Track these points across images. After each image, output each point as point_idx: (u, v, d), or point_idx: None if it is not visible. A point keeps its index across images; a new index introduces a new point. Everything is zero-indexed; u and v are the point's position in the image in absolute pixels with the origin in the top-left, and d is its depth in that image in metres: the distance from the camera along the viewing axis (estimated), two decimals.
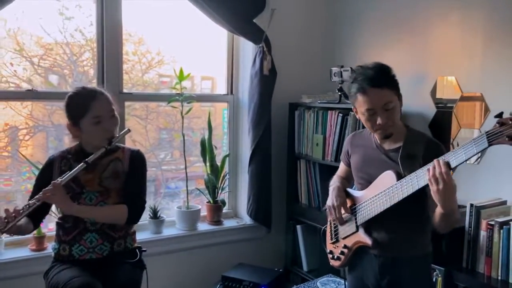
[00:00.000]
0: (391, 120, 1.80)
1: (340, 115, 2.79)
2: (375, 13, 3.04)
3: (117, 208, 2.02)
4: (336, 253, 2.04)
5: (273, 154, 3.17)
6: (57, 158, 2.09)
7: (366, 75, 1.80)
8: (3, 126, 2.71)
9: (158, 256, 2.85)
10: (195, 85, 3.38)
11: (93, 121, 1.98)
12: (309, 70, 3.31)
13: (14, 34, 2.66)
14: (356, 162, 2.01)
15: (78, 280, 1.80)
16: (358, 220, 1.93)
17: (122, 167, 2.08)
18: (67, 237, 2.02)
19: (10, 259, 2.50)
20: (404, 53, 2.81)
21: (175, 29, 3.09)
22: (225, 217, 3.27)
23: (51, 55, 2.81)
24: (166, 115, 3.19)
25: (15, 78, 2.70)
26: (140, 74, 3.14)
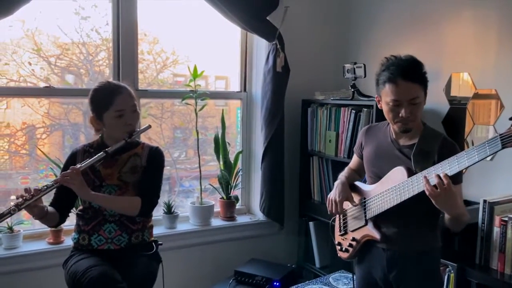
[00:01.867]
0: (414, 115, 1.79)
1: (353, 111, 2.80)
2: (389, 9, 3.04)
3: (130, 199, 2.06)
4: (345, 245, 2.06)
5: (286, 151, 3.19)
6: (80, 151, 2.15)
7: (399, 65, 1.78)
8: (21, 125, 2.77)
9: (172, 251, 2.89)
10: (209, 84, 3.41)
11: (116, 114, 2.03)
12: (322, 67, 3.32)
13: (32, 34, 2.72)
14: (368, 154, 2.01)
15: (96, 270, 1.85)
16: (367, 214, 1.94)
17: (141, 162, 2.13)
18: (86, 227, 2.07)
19: (28, 252, 2.56)
20: (418, 49, 2.79)
21: (189, 28, 3.12)
22: (238, 213, 3.30)
23: (68, 55, 2.87)
24: (181, 114, 3.23)
25: (33, 77, 2.75)
26: (155, 74, 3.18)
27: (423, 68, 1.83)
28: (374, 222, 1.92)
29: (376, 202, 1.90)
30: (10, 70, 2.69)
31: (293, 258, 3.27)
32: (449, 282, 2.18)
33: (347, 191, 2.02)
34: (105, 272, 1.85)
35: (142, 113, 3.06)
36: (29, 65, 2.72)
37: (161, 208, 3.01)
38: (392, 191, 1.81)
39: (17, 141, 2.79)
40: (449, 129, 2.59)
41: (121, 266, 1.97)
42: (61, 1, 2.73)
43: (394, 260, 1.87)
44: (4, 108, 2.73)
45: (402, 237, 1.86)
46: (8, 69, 2.68)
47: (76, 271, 1.90)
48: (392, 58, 1.85)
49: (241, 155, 3.29)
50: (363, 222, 1.96)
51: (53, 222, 2.06)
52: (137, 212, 2.05)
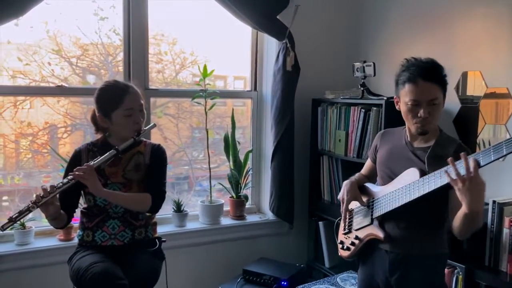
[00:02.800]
0: (432, 116, 1.78)
1: (362, 111, 2.77)
2: (400, 7, 3.00)
3: (142, 196, 2.08)
4: (347, 243, 2.04)
5: (296, 150, 3.18)
6: (84, 150, 2.17)
7: (419, 66, 1.79)
8: (43, 125, 2.83)
9: (181, 249, 2.92)
10: (228, 84, 3.43)
11: (125, 113, 2.06)
12: (333, 65, 3.29)
13: (54, 35, 2.77)
14: (381, 156, 2.00)
15: (99, 266, 1.87)
16: (374, 213, 1.93)
17: (144, 160, 2.16)
18: (90, 224, 2.10)
19: (39, 248, 2.61)
20: (429, 47, 2.76)
21: (206, 29, 3.13)
22: (248, 212, 3.30)
23: (88, 56, 2.92)
24: (199, 114, 3.24)
25: (53, 78, 2.80)
26: (174, 74, 3.20)
27: (444, 71, 1.83)
28: (379, 222, 1.91)
29: (385, 201, 1.88)
30: (33, 71, 2.75)
31: (303, 258, 3.27)
32: (457, 284, 2.15)
33: (355, 190, 2.02)
34: (107, 268, 1.88)
35: (158, 113, 3.11)
36: (49, 65, 2.77)
37: (171, 206, 3.03)
38: (401, 190, 1.79)
39: (39, 140, 2.85)
40: (460, 129, 2.55)
41: (124, 262, 1.99)
42: (81, 3, 2.78)
43: (396, 263, 1.85)
44: (27, 108, 2.79)
45: (406, 239, 1.84)
46: (32, 70, 2.74)
47: (79, 268, 1.93)
48: (412, 60, 1.84)
49: (252, 154, 3.29)
50: (369, 221, 1.95)
51: (63, 223, 2.09)
52: (148, 207, 2.08)
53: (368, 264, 1.98)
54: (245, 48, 3.31)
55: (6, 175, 2.78)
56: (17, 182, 2.80)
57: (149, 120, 2.88)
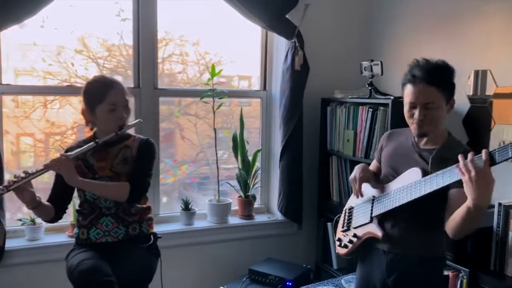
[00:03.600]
0: (428, 119, 1.75)
1: (370, 110, 2.73)
2: (410, 5, 2.95)
3: (119, 184, 2.09)
4: (344, 241, 2.02)
5: (305, 150, 3.16)
6: (73, 147, 2.20)
7: (423, 67, 1.75)
8: (71, 124, 2.91)
9: (188, 247, 2.94)
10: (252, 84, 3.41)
11: (108, 108, 2.08)
12: (343, 64, 3.25)
13: (81, 37, 2.84)
14: (386, 155, 1.98)
15: (87, 263, 1.91)
16: (373, 211, 1.90)
17: (131, 153, 2.17)
18: (85, 222, 2.14)
19: (49, 244, 2.68)
20: (439, 46, 2.70)
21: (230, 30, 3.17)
22: (257, 212, 3.30)
23: (115, 56, 2.97)
24: (223, 115, 3.27)
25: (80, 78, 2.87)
26: (198, 75, 3.22)
27: (451, 75, 1.77)
28: (379, 221, 1.88)
29: (385, 200, 1.86)
30: (62, 72, 2.82)
31: (311, 259, 3.24)
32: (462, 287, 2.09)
33: (368, 172, 1.98)
34: (94, 265, 1.90)
35: (175, 113, 3.15)
36: (72, 65, 2.83)
37: (179, 204, 3.06)
38: (402, 190, 1.77)
39: (67, 139, 2.92)
40: (470, 129, 2.48)
41: (118, 258, 2.02)
42: (105, 4, 2.84)
43: (394, 264, 1.82)
44: (57, 108, 2.88)
45: (404, 239, 1.81)
46: (60, 71, 2.82)
47: (72, 265, 1.98)
48: (422, 61, 1.80)
49: (261, 154, 3.29)
50: (368, 219, 1.92)
51: (48, 216, 2.12)
52: (126, 196, 2.07)
53: (366, 263, 1.96)
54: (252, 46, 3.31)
55: None
56: (46, 180, 2.87)
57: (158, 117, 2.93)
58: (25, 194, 1.94)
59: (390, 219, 1.84)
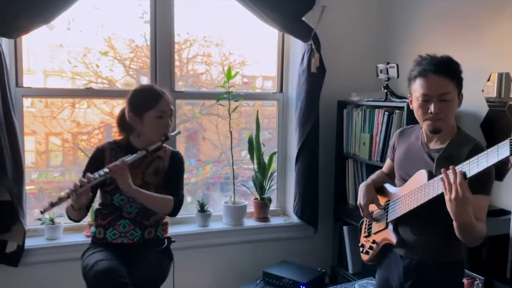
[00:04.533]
0: (443, 112, 1.71)
1: (386, 113, 2.70)
2: (429, 8, 2.89)
3: (167, 199, 2.14)
4: (366, 247, 2.01)
5: (321, 153, 3.14)
6: (107, 148, 2.23)
7: (432, 60, 1.74)
8: (98, 124, 2.98)
9: (203, 249, 2.96)
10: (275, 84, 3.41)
11: (157, 114, 2.13)
12: (360, 67, 3.22)
13: (108, 38, 2.91)
14: (398, 157, 1.95)
15: (103, 264, 1.94)
16: (388, 217, 1.89)
17: (163, 164, 2.22)
18: (103, 222, 2.18)
19: (67, 243, 2.74)
20: (458, 49, 2.62)
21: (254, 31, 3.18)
22: (273, 215, 3.29)
23: (141, 57, 3.03)
24: (247, 115, 3.29)
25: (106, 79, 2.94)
26: (222, 76, 3.25)
27: (459, 67, 1.75)
28: (394, 226, 1.86)
29: (397, 205, 1.83)
30: (89, 72, 2.90)
31: (327, 263, 3.22)
32: None
33: (371, 193, 1.97)
34: (110, 266, 1.93)
35: (196, 114, 3.20)
36: (97, 67, 2.90)
37: (194, 206, 3.08)
38: (411, 194, 1.74)
39: (94, 139, 3.00)
40: (488, 133, 2.42)
41: (132, 260, 2.05)
42: (130, 7, 2.90)
43: (410, 269, 1.79)
44: (84, 108, 2.96)
45: (420, 244, 1.78)
46: (87, 72, 2.89)
47: (87, 264, 2.01)
48: (427, 55, 1.78)
49: (276, 156, 3.29)
50: (384, 224, 1.91)
51: (83, 215, 2.15)
52: (170, 210, 2.15)
53: (384, 268, 1.94)
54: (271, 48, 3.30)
55: (65, 172, 2.95)
56: (74, 178, 2.93)
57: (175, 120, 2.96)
58: (83, 198, 1.97)
59: (404, 224, 1.82)
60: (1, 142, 2.43)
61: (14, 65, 2.67)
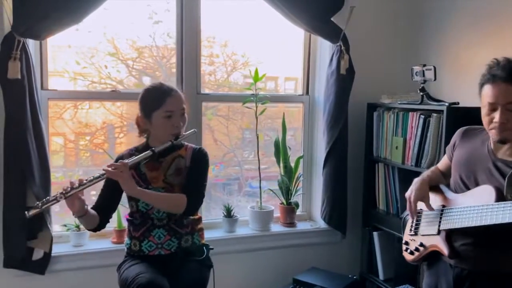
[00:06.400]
0: (510, 122, 1.63)
1: (422, 116, 2.62)
2: (462, 7, 2.82)
3: (176, 196, 2.05)
4: (411, 247, 1.93)
5: (350, 157, 3.06)
6: (126, 155, 2.16)
7: (505, 67, 1.65)
8: (100, 124, 2.91)
9: (230, 255, 2.89)
10: (279, 85, 3.38)
11: (165, 114, 2.04)
12: (389, 69, 3.15)
13: (111, 39, 2.84)
14: (458, 158, 1.86)
15: (144, 277, 1.86)
16: (441, 224, 1.80)
17: (185, 163, 2.13)
18: (136, 233, 2.10)
19: (93, 250, 2.67)
20: (493, 51, 2.54)
21: (258, 30, 3.10)
22: (298, 220, 3.22)
23: (144, 58, 2.97)
24: (250, 116, 3.20)
25: (110, 79, 2.87)
26: (226, 76, 3.19)
27: None
28: (446, 235, 1.77)
29: (454, 216, 1.75)
30: (92, 73, 2.84)
31: (356, 269, 3.14)
32: None
33: (424, 190, 1.88)
34: (152, 279, 1.86)
35: (208, 115, 3.11)
36: (105, 68, 2.84)
37: (221, 211, 3.01)
38: (473, 210, 1.65)
39: (96, 139, 2.94)
40: None
41: (171, 271, 1.99)
42: (137, 7, 2.83)
43: (461, 279, 1.72)
44: (87, 108, 2.89)
45: (474, 257, 1.70)
46: (91, 72, 2.83)
47: (127, 277, 1.94)
48: (504, 60, 1.69)
49: (302, 160, 3.21)
50: (436, 231, 1.82)
51: (92, 224, 2.07)
52: (182, 209, 2.03)
53: (432, 275, 1.87)
54: (297, 48, 3.23)
55: (67, 172, 2.88)
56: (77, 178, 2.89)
57: (200, 122, 2.90)
58: (75, 202, 1.90)
59: (459, 235, 1.74)
60: (28, 146, 2.37)
61: (39, 67, 2.60)
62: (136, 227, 2.11)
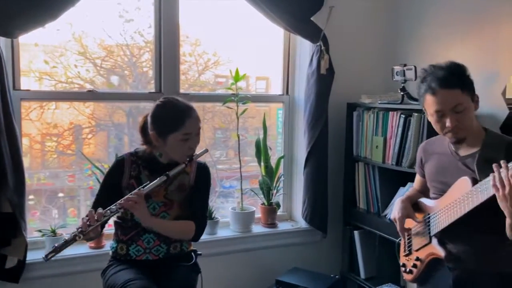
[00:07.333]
0: (461, 123, 1.68)
1: (402, 116, 2.64)
2: (442, 7, 2.86)
3: (186, 224, 2.01)
4: (409, 266, 1.93)
5: (330, 156, 3.07)
6: (128, 160, 2.06)
7: (435, 75, 1.70)
8: (68, 125, 2.81)
9: (211, 258, 2.83)
10: (250, 85, 3.35)
11: (183, 137, 1.94)
12: (369, 68, 3.17)
13: (79, 37, 2.75)
14: (430, 170, 1.91)
15: (135, 284, 1.81)
16: (431, 231, 1.82)
17: (189, 180, 2.07)
18: (125, 237, 2.03)
19: (70, 256, 2.56)
20: (473, 49, 2.62)
21: (230, 29, 3.06)
22: (279, 220, 3.21)
23: (113, 57, 2.89)
24: (222, 115, 3.18)
25: (79, 79, 2.78)
26: (197, 75, 3.15)
27: (465, 72, 1.72)
28: (439, 239, 1.79)
29: (440, 217, 1.77)
30: (58, 72, 2.74)
31: (337, 268, 3.15)
32: None
33: (407, 207, 1.92)
34: (144, 286, 1.81)
35: None
36: (75, 67, 2.75)
37: None
38: (456, 203, 1.67)
39: (64, 141, 2.84)
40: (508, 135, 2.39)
41: (159, 277, 1.93)
42: (106, 5, 2.75)
43: (461, 281, 1.72)
44: (53, 108, 2.79)
45: (471, 255, 1.71)
46: (57, 71, 2.73)
47: (114, 283, 1.88)
48: (430, 68, 1.76)
49: (283, 160, 3.20)
50: (427, 239, 1.84)
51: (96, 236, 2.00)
52: (191, 236, 2.02)
53: (428, 283, 1.87)
54: (271, 48, 3.22)
55: (33, 175, 2.78)
56: (43, 181, 2.81)
57: None
58: (91, 234, 1.85)
59: (452, 235, 1.75)
60: (1, 149, 2.26)
61: (11, 66, 2.49)
62: (124, 231, 2.04)
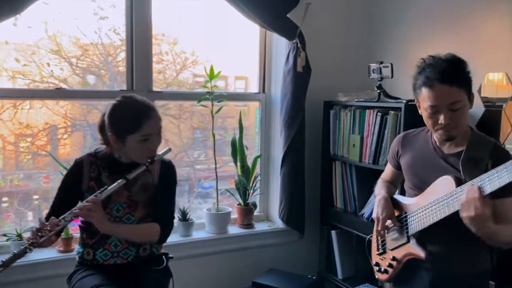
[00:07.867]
0: (455, 121, 1.62)
1: (379, 114, 2.62)
2: (418, 5, 2.85)
3: (150, 228, 1.92)
4: (383, 265, 1.88)
5: (307, 155, 3.03)
6: (86, 162, 1.96)
7: (436, 67, 1.62)
8: (43, 125, 2.71)
9: (186, 260, 2.77)
10: (229, 85, 3.30)
11: (141, 138, 1.84)
12: (346, 66, 3.14)
13: (53, 36, 2.65)
14: (407, 164, 1.85)
15: None
16: (409, 230, 1.77)
17: (152, 179, 1.98)
18: (91, 241, 1.93)
19: (37, 260, 2.46)
20: (450, 47, 2.54)
21: (208, 28, 3.01)
22: (256, 220, 3.15)
23: (88, 56, 2.80)
24: (200, 115, 3.12)
25: (52, 78, 2.69)
26: (175, 74, 3.07)
27: (466, 68, 1.65)
28: (418, 239, 1.74)
29: (419, 217, 1.72)
30: (33, 71, 2.64)
31: (314, 268, 3.11)
32: None
33: (390, 208, 1.85)
34: None
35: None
36: (48, 66, 2.65)
37: (176, 214, 2.88)
38: (437, 203, 1.63)
39: (39, 141, 2.74)
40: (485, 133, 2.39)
41: (128, 282, 1.85)
42: (80, 2, 2.66)
43: (438, 282, 1.69)
44: (27, 108, 2.69)
45: (448, 255, 1.68)
46: (31, 70, 2.63)
47: None
48: (430, 59, 1.67)
49: (260, 160, 3.14)
50: (405, 239, 1.79)
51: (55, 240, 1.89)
52: (156, 238, 1.92)
53: (404, 283, 1.83)
54: (249, 47, 3.17)
55: (6, 176, 2.69)
56: (17, 183, 2.72)
57: None
58: (45, 243, 1.75)
59: (431, 236, 1.71)
60: None
61: None
62: (90, 234, 1.93)
